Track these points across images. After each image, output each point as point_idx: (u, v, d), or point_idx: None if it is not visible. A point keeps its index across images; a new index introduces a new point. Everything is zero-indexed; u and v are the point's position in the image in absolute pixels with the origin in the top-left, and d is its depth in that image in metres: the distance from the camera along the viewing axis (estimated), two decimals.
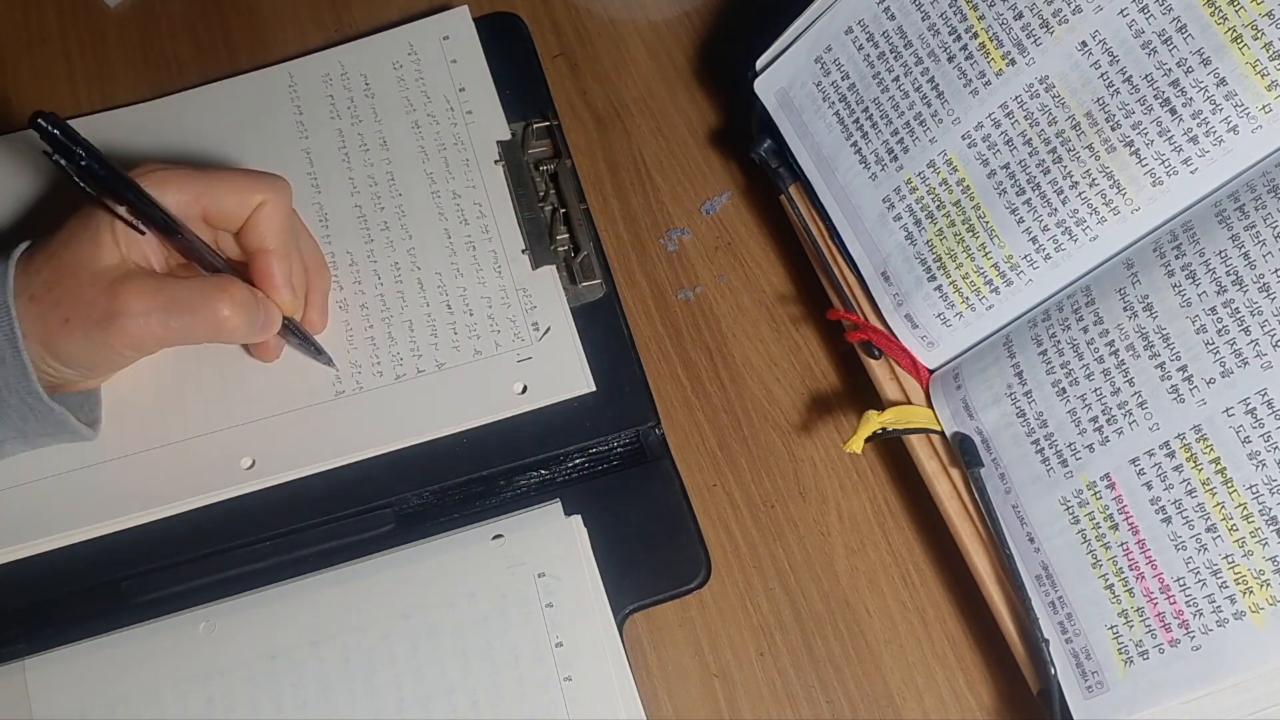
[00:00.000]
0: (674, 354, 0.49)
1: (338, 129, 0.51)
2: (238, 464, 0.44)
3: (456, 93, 0.52)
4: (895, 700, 0.43)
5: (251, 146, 0.51)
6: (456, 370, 0.46)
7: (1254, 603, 0.34)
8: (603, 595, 0.42)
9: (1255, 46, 0.36)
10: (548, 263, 0.48)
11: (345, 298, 0.47)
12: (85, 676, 0.41)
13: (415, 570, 0.43)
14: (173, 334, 0.40)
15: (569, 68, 0.56)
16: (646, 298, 0.50)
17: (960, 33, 0.41)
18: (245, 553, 0.44)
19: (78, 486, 0.44)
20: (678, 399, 0.48)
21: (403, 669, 0.41)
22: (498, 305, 0.47)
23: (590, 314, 0.48)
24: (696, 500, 0.45)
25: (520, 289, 0.48)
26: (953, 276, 0.42)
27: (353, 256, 0.49)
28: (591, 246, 0.49)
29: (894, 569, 0.45)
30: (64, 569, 0.43)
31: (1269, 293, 0.35)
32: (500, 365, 0.46)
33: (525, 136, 0.51)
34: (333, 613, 0.42)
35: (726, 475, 0.47)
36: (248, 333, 0.41)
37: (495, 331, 0.47)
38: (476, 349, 0.46)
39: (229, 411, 0.45)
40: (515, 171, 0.50)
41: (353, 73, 0.53)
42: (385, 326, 0.47)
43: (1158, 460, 0.37)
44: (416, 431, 0.45)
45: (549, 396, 0.45)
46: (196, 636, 0.42)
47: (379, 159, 0.51)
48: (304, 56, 0.54)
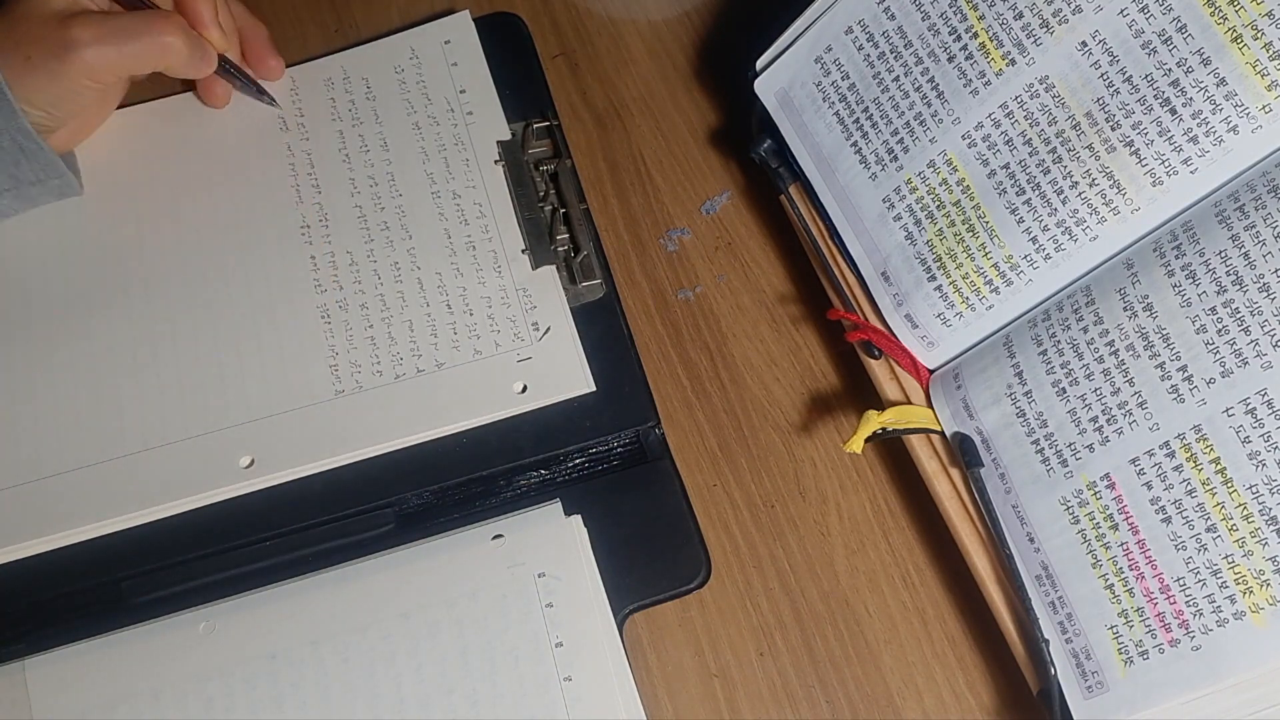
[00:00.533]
0: (674, 354, 0.49)
1: (338, 130, 0.52)
2: (237, 463, 0.44)
3: (457, 94, 0.52)
4: (895, 700, 0.43)
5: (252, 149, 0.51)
6: (456, 370, 0.46)
7: (1254, 603, 0.34)
8: (603, 595, 0.42)
9: (1255, 46, 0.36)
10: (548, 263, 0.48)
11: (345, 297, 0.48)
12: (85, 677, 0.41)
13: (415, 570, 0.43)
14: (124, 58, 0.46)
15: (569, 68, 0.56)
16: (646, 298, 0.50)
17: (960, 33, 0.41)
18: (245, 552, 0.44)
19: (76, 486, 0.44)
20: (678, 399, 0.48)
21: (403, 668, 0.41)
22: (498, 305, 0.47)
23: (590, 314, 0.48)
24: (697, 500, 0.45)
25: (520, 289, 0.48)
26: (953, 276, 0.42)
27: (353, 256, 0.49)
28: (591, 246, 0.49)
29: (894, 569, 0.45)
30: (63, 569, 0.43)
31: (1269, 293, 0.35)
32: (500, 365, 0.46)
33: (525, 136, 0.51)
34: (333, 612, 0.42)
35: (726, 475, 0.47)
36: (189, 60, 0.47)
37: (495, 331, 0.47)
38: (476, 349, 0.46)
39: (228, 410, 0.45)
40: (515, 171, 0.51)
41: (354, 77, 0.53)
42: (385, 326, 0.47)
43: (1158, 460, 0.37)
44: (416, 430, 0.45)
45: (549, 396, 0.45)
46: (196, 636, 0.42)
47: (379, 160, 0.51)
48: (306, 62, 0.54)
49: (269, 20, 0.54)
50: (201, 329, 0.47)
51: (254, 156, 0.51)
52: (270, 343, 0.47)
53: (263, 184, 0.50)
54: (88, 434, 0.45)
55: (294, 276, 0.48)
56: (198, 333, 0.47)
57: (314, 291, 0.48)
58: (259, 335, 0.47)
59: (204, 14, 0.48)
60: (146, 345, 0.47)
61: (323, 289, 0.48)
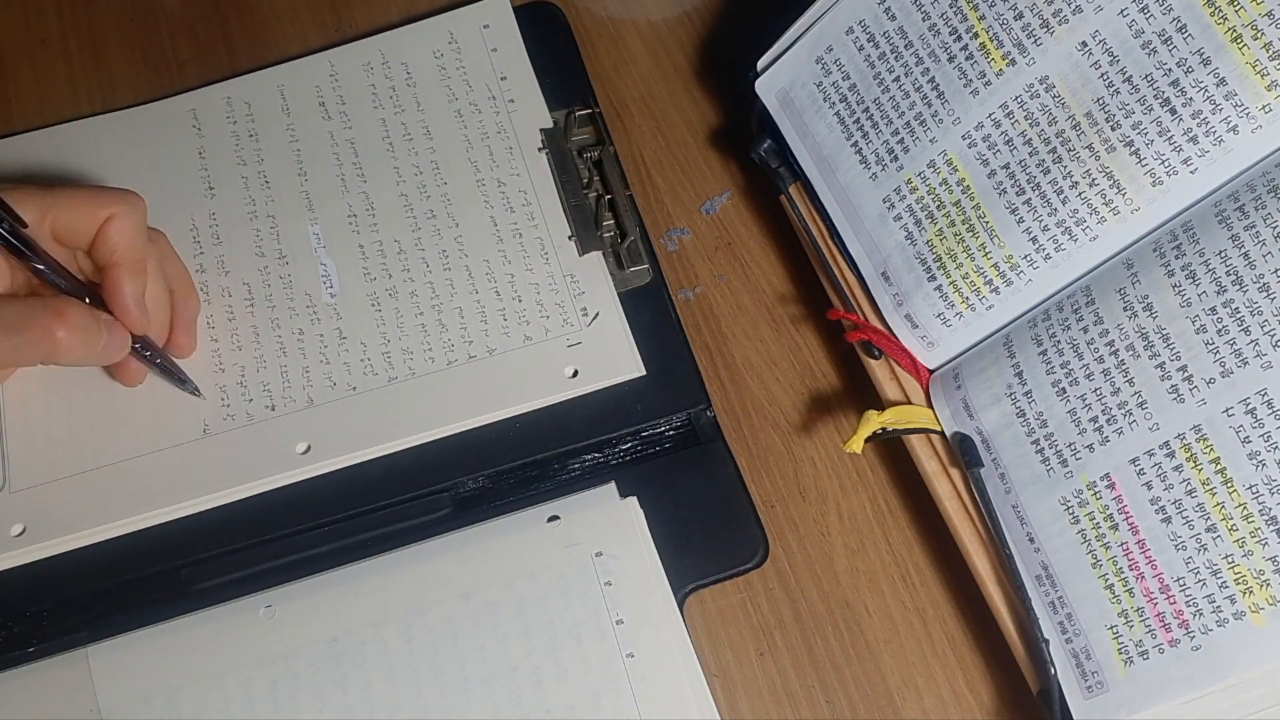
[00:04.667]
0: None
1: (381, 118, 0.52)
2: (293, 450, 0.45)
3: (498, 81, 0.53)
4: (895, 700, 0.43)
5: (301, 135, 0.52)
6: (507, 355, 0.46)
7: (1254, 603, 0.34)
8: (661, 573, 0.42)
9: (1255, 46, 0.36)
10: (595, 249, 0.49)
11: (395, 285, 0.48)
12: (149, 662, 0.42)
13: (474, 551, 0.43)
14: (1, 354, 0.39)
15: None
16: None
17: (961, 33, 0.41)
18: (303, 538, 0.44)
19: (133, 474, 0.44)
20: None
21: (465, 647, 0.41)
22: (546, 291, 0.48)
23: (637, 299, 0.48)
24: None
25: (568, 275, 0.48)
26: (953, 276, 0.42)
27: (400, 245, 0.49)
28: (638, 232, 0.49)
29: (894, 569, 0.45)
30: (123, 557, 0.44)
31: (1269, 293, 0.35)
32: (550, 350, 0.46)
33: (568, 124, 0.52)
34: (393, 594, 0.43)
35: None
36: (88, 354, 0.41)
37: (545, 317, 0.47)
38: (526, 334, 0.47)
39: (284, 398, 0.46)
40: (559, 159, 0.51)
41: (393, 61, 0.53)
42: (436, 313, 0.47)
43: (1158, 460, 0.37)
44: (470, 415, 0.45)
45: (599, 380, 0.46)
46: (258, 621, 0.42)
47: (423, 148, 0.51)
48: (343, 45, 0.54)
49: (269, 19, 0.54)
50: (260, 319, 0.48)
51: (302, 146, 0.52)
52: (323, 330, 0.47)
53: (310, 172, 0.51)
54: (147, 422, 0.45)
55: (344, 265, 0.49)
56: (257, 323, 0.48)
57: (364, 279, 0.48)
58: (312, 323, 0.48)
59: (125, 291, 0.41)
60: (206, 337, 0.47)
61: (372, 277, 0.48)
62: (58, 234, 0.41)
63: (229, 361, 0.47)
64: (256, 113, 0.53)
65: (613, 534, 0.43)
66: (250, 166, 0.51)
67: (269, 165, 0.51)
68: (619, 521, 0.43)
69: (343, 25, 0.56)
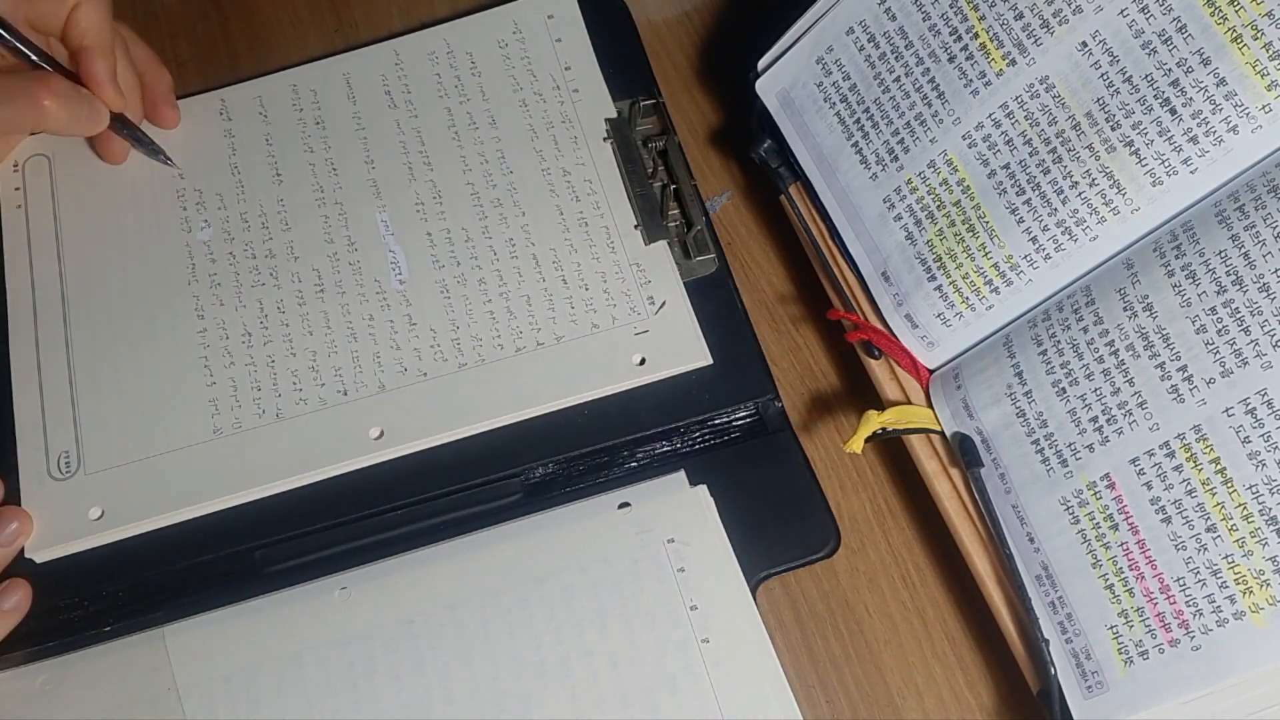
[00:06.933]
0: None
1: (446, 107, 0.52)
2: (367, 434, 0.45)
3: (562, 71, 0.53)
4: (895, 700, 0.43)
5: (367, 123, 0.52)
6: (575, 343, 0.47)
7: (1254, 603, 0.34)
8: (734, 560, 0.42)
9: (1255, 46, 0.36)
10: (661, 238, 0.49)
11: (463, 273, 0.48)
12: (225, 642, 0.42)
13: (545, 537, 0.43)
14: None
15: None
16: None
17: (961, 33, 0.41)
18: (376, 521, 0.45)
19: (209, 458, 0.45)
20: None
21: (541, 630, 0.42)
22: (612, 280, 0.48)
23: (703, 288, 0.48)
24: None
25: (634, 264, 0.48)
26: (953, 276, 0.42)
27: (468, 233, 0.49)
28: (704, 221, 0.49)
29: (894, 569, 0.45)
30: (198, 539, 0.44)
31: (1269, 293, 0.35)
32: (618, 338, 0.47)
33: (632, 114, 0.52)
34: (468, 578, 0.43)
35: None
36: (72, 123, 0.46)
37: (611, 305, 0.47)
38: (594, 322, 0.47)
39: (357, 384, 0.46)
40: (624, 148, 0.51)
41: (458, 51, 0.54)
42: (504, 301, 0.48)
43: (1158, 460, 0.37)
44: (538, 402, 0.46)
45: (667, 369, 0.46)
46: (333, 602, 0.43)
47: (488, 137, 0.51)
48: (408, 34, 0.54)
49: (269, 19, 0.54)
50: (330, 305, 0.48)
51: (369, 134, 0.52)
52: (393, 316, 0.48)
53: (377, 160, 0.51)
54: (223, 407, 0.46)
55: (412, 252, 0.49)
56: (328, 308, 0.48)
57: (432, 266, 0.49)
58: (382, 309, 0.48)
59: (99, 73, 0.46)
60: (278, 321, 0.48)
61: (441, 264, 0.49)
62: (32, 21, 0.46)
63: (300, 346, 0.47)
64: (322, 100, 0.53)
65: (684, 521, 0.43)
66: (318, 154, 0.51)
67: (335, 153, 0.51)
68: (689, 509, 0.43)
69: (343, 26, 0.57)
